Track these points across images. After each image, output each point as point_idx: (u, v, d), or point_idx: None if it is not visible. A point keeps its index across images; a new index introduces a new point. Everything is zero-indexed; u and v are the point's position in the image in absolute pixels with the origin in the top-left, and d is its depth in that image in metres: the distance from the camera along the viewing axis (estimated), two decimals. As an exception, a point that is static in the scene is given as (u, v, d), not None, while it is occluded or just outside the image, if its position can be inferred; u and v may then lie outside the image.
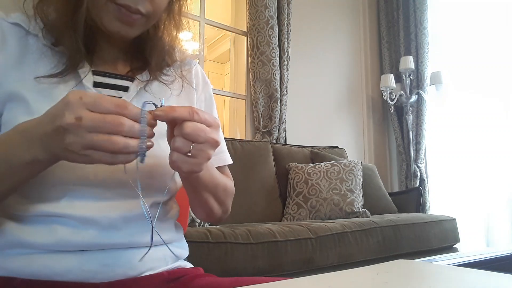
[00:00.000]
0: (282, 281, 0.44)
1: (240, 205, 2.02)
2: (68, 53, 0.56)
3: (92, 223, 0.52)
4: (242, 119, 2.75)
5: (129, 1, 0.53)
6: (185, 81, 0.67)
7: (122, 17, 0.54)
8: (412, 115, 3.16)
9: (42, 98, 0.53)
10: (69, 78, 0.56)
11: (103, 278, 0.52)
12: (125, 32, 0.56)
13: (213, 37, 4.84)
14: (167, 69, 0.65)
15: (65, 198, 0.52)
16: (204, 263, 1.14)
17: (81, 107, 0.39)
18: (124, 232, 0.54)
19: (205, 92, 0.72)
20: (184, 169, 0.45)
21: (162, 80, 0.63)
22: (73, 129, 0.39)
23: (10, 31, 0.56)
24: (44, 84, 0.54)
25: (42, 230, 0.51)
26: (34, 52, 0.56)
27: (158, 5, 0.56)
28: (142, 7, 0.54)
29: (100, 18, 0.54)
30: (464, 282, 0.43)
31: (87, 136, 0.39)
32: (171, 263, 0.61)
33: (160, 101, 0.46)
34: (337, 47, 3.28)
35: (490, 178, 2.82)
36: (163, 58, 0.64)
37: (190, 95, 0.68)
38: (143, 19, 0.56)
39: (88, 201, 0.52)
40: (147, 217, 0.50)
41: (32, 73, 0.54)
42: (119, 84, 0.60)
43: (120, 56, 0.64)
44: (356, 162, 2.33)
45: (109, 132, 0.39)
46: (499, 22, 2.87)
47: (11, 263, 0.51)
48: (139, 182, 0.48)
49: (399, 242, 1.83)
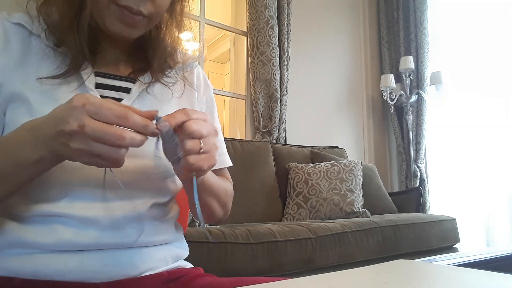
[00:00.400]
0: (282, 281, 0.44)
1: (240, 205, 2.02)
2: (71, 55, 0.56)
3: (93, 223, 0.52)
4: (242, 119, 2.75)
5: (131, 2, 0.53)
6: (187, 83, 0.67)
7: (124, 19, 0.54)
8: (412, 115, 3.16)
9: (45, 99, 0.53)
10: (71, 80, 0.56)
11: (103, 278, 0.52)
12: (127, 33, 0.56)
13: (213, 37, 4.84)
14: (169, 71, 0.65)
15: (66, 199, 0.52)
16: (204, 263, 1.13)
17: (84, 114, 0.40)
18: (124, 233, 0.54)
19: (207, 95, 0.73)
20: (206, 166, 0.46)
21: (164, 82, 0.64)
22: (77, 136, 0.40)
23: (13, 32, 0.56)
24: (46, 85, 0.54)
25: (43, 230, 0.51)
26: (37, 53, 0.56)
27: (160, 6, 0.57)
28: (144, 9, 0.54)
29: (103, 19, 0.55)
30: (464, 282, 0.43)
31: (92, 144, 0.40)
32: (171, 263, 0.61)
33: (157, 113, 0.46)
34: (337, 47, 3.28)
35: (490, 178, 2.82)
36: (165, 60, 0.64)
37: (191, 97, 0.69)
38: (145, 20, 0.56)
39: (89, 202, 0.53)
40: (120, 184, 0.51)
41: (35, 74, 0.54)
42: (121, 85, 0.60)
43: (122, 57, 0.64)
44: (356, 162, 2.33)
45: (111, 144, 0.40)
46: (499, 22, 2.87)
47: (12, 263, 0.51)
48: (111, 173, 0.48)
49: (399, 242, 1.83)
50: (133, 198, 0.56)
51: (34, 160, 0.44)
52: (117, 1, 0.52)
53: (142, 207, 0.56)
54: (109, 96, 0.58)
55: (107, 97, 0.58)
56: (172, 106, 0.64)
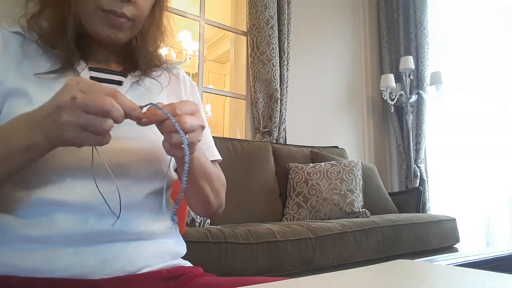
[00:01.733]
0: (282, 281, 0.44)
1: (240, 205, 2.02)
2: (63, 55, 0.60)
3: (91, 210, 0.53)
4: (242, 119, 2.75)
5: (114, 6, 0.58)
6: (171, 74, 0.73)
7: (110, 22, 0.59)
8: (412, 115, 3.16)
9: (43, 91, 0.56)
10: (67, 74, 0.60)
11: (102, 274, 0.52)
12: (115, 36, 0.61)
13: (213, 37, 4.85)
14: (155, 68, 0.70)
15: (64, 186, 0.53)
16: (204, 263, 1.13)
17: (77, 89, 0.43)
18: (122, 220, 0.54)
19: (193, 94, 0.77)
20: (179, 154, 0.50)
21: (152, 76, 0.69)
22: (68, 106, 0.42)
23: (12, 38, 0.61)
24: (44, 80, 0.58)
25: (41, 221, 0.52)
26: (33, 54, 0.61)
27: (142, 9, 0.62)
28: (126, 11, 0.59)
29: (92, 26, 0.60)
30: (464, 282, 0.43)
31: (81, 115, 0.42)
32: (169, 261, 0.61)
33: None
34: (337, 47, 3.28)
35: (490, 178, 2.82)
36: (150, 59, 0.69)
37: (178, 91, 0.73)
38: (130, 23, 0.61)
39: (86, 189, 0.53)
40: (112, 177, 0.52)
41: (32, 71, 0.58)
42: (114, 79, 0.65)
43: (112, 58, 0.68)
44: (356, 162, 2.33)
45: (100, 112, 0.43)
46: (499, 22, 2.87)
47: (10, 259, 0.51)
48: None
49: (399, 242, 1.83)
50: (128, 185, 0.57)
51: (27, 146, 0.46)
52: (102, 6, 0.58)
53: (138, 195, 0.58)
54: None
55: None
56: (162, 98, 0.68)
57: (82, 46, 0.63)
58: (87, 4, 0.58)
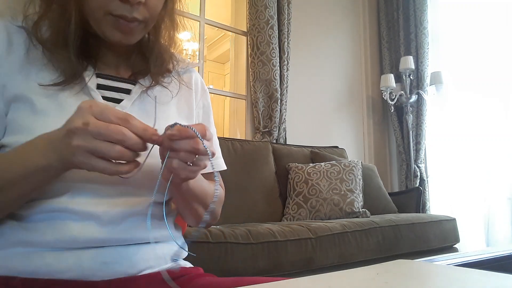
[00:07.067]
0: (282, 281, 0.44)
1: (240, 205, 2.02)
2: (68, 70, 0.57)
3: (93, 218, 0.53)
4: (242, 119, 2.75)
5: (125, 11, 0.55)
6: (182, 83, 0.69)
7: (121, 27, 0.56)
8: (412, 115, 3.16)
9: (48, 100, 0.55)
10: (73, 82, 0.58)
11: (102, 276, 0.52)
12: (126, 41, 0.59)
13: (213, 37, 4.85)
14: (167, 74, 0.67)
15: (68, 194, 0.53)
16: (204, 263, 1.13)
17: (89, 114, 0.43)
18: (124, 228, 0.54)
19: (204, 100, 0.75)
20: (183, 175, 0.47)
21: (163, 84, 0.66)
22: (80, 132, 0.42)
23: (17, 35, 0.58)
24: (49, 89, 0.56)
25: (43, 227, 0.52)
26: (39, 64, 0.57)
27: (154, 9, 0.58)
28: (137, 14, 0.56)
29: (102, 31, 0.57)
30: (464, 282, 0.43)
31: (92, 141, 0.42)
32: (170, 262, 0.61)
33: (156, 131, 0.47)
34: (337, 47, 3.28)
35: (490, 178, 2.82)
36: (162, 62, 0.66)
37: (189, 99, 0.71)
38: (141, 25, 0.58)
39: (91, 197, 0.53)
40: (148, 220, 0.52)
41: (36, 79, 0.56)
42: (122, 87, 0.62)
43: (122, 61, 0.66)
44: (356, 162, 2.33)
45: (112, 140, 0.42)
46: (499, 22, 2.87)
47: (11, 262, 0.51)
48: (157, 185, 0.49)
49: (399, 242, 1.83)
50: (134, 195, 0.56)
51: (42, 166, 0.46)
52: (112, 11, 0.54)
53: (143, 204, 0.57)
54: (110, 97, 0.60)
55: (108, 97, 0.60)
56: (171, 108, 0.66)
57: (90, 47, 0.60)
58: (96, 9, 0.54)
